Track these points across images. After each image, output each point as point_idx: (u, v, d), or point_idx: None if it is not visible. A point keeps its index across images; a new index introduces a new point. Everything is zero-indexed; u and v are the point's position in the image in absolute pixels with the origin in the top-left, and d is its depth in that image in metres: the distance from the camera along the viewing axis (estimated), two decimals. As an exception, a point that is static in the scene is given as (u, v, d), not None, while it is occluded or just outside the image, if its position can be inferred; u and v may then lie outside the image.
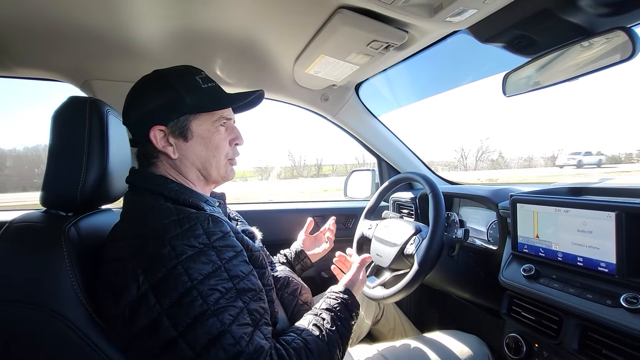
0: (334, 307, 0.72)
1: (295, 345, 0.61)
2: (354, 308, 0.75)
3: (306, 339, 0.62)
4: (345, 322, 0.71)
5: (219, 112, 0.71)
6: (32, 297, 0.54)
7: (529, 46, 0.88)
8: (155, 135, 0.66)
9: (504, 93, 0.98)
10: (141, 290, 0.51)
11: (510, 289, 0.84)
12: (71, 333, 0.54)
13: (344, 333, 0.69)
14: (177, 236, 0.55)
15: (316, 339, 0.63)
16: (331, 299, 0.75)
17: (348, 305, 0.74)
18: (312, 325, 0.67)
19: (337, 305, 0.73)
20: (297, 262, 1.10)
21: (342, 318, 0.71)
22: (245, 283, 0.57)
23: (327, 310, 0.71)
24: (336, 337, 0.66)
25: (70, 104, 0.66)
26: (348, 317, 0.72)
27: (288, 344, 0.60)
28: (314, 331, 0.65)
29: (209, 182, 0.74)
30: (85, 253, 0.60)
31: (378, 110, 1.57)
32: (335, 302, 0.74)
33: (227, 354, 0.50)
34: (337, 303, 0.73)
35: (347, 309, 0.73)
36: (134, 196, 0.65)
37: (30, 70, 1.11)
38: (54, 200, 0.65)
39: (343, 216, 1.61)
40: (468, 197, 1.20)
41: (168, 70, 0.70)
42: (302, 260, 1.10)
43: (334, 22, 0.88)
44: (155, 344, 0.51)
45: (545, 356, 0.75)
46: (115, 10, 0.86)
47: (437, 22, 0.83)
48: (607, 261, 0.67)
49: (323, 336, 0.65)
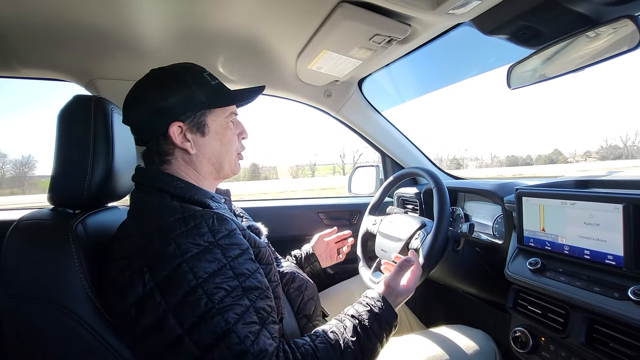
0: (360, 315, 0.65)
1: (304, 350, 0.58)
2: (386, 320, 0.65)
3: (317, 346, 0.59)
4: (371, 334, 0.63)
5: (229, 108, 0.72)
6: (42, 292, 0.55)
7: (534, 37, 0.87)
8: (174, 131, 0.66)
9: (508, 85, 0.97)
10: (147, 288, 0.52)
11: (516, 282, 0.84)
12: (80, 328, 0.55)
13: (368, 346, 0.61)
14: (182, 234, 0.55)
15: (329, 347, 0.59)
16: (360, 305, 0.68)
17: (379, 317, 0.65)
18: (330, 332, 0.62)
19: (365, 313, 0.66)
20: (307, 265, 1.09)
21: (367, 329, 0.63)
22: (251, 281, 0.57)
23: (351, 317, 0.65)
24: (356, 349, 0.60)
25: (75, 102, 0.67)
26: (377, 330, 0.63)
27: (297, 348, 0.58)
28: (329, 338, 0.61)
29: (220, 176, 0.75)
30: (92, 250, 0.61)
31: (381, 105, 1.56)
32: (364, 309, 0.66)
33: (232, 353, 0.50)
34: (366, 311, 0.66)
35: (377, 319, 0.65)
36: (140, 194, 0.65)
37: (36, 70, 1.12)
38: (62, 198, 0.66)
39: (347, 212, 1.61)
40: (473, 192, 1.19)
41: (175, 67, 0.70)
42: (312, 264, 1.09)
43: (336, 17, 0.87)
44: (161, 341, 0.51)
45: (552, 350, 0.75)
46: (119, 10, 0.86)
47: (439, 14, 0.82)
48: (614, 254, 0.66)
49: (339, 345, 0.60)
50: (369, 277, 1.02)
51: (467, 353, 0.85)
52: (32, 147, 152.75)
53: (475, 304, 1.25)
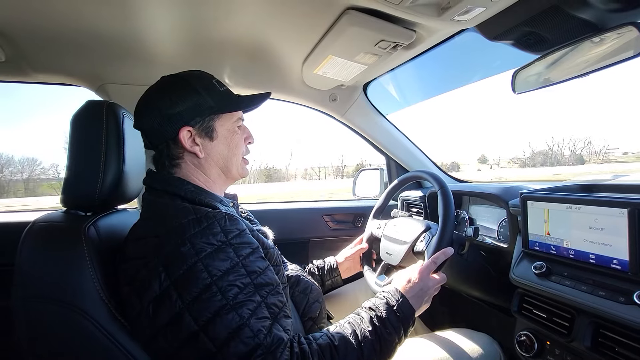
0: (377, 307, 0.67)
1: (322, 341, 0.60)
2: (403, 313, 0.67)
3: (334, 336, 0.61)
4: (389, 325, 0.64)
5: (237, 113, 0.75)
6: (55, 293, 0.56)
7: (538, 43, 0.87)
8: (184, 135, 0.68)
9: (513, 90, 0.98)
10: (163, 286, 0.54)
11: (521, 286, 0.84)
12: (92, 327, 0.56)
13: (385, 337, 0.63)
14: (196, 234, 0.57)
15: (346, 337, 0.61)
16: (378, 298, 0.70)
17: (395, 309, 0.67)
18: (347, 323, 0.64)
19: (382, 305, 0.67)
20: (329, 278, 1.09)
21: (384, 320, 0.65)
22: (262, 278, 0.59)
23: (368, 309, 0.67)
24: (373, 338, 0.61)
25: (87, 107, 0.69)
26: (394, 322, 0.65)
27: (315, 339, 0.60)
28: (346, 329, 0.63)
29: (228, 179, 0.77)
30: (104, 251, 0.62)
31: (386, 109, 1.57)
32: (381, 302, 0.69)
33: (247, 347, 0.52)
34: (383, 303, 0.68)
35: (394, 311, 0.66)
36: (152, 197, 0.67)
37: (48, 75, 1.15)
38: (74, 200, 0.68)
39: (352, 215, 1.62)
40: (478, 195, 1.19)
41: (186, 74, 0.72)
42: (334, 278, 1.09)
43: (342, 23, 0.89)
44: (178, 336, 0.53)
45: (557, 354, 0.75)
46: (129, 17, 0.89)
47: (444, 21, 0.83)
48: (619, 258, 0.66)
49: (356, 335, 0.61)
50: (374, 280, 1.02)
51: (471, 356, 0.85)
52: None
53: (480, 308, 1.25)
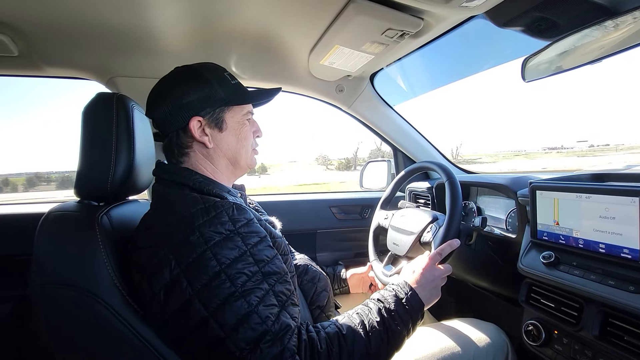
0: (385, 299, 0.68)
1: (330, 330, 0.61)
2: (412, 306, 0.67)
3: (342, 326, 0.62)
4: (397, 316, 0.65)
5: (247, 106, 0.77)
6: (71, 279, 0.58)
7: (550, 29, 0.85)
8: (194, 125, 0.70)
9: (523, 78, 0.96)
10: (173, 274, 0.55)
11: (529, 276, 0.84)
12: (107, 313, 0.58)
13: (393, 329, 0.63)
14: (205, 224, 0.58)
15: (354, 327, 0.62)
16: (386, 290, 0.71)
17: (404, 302, 0.67)
18: (355, 313, 0.66)
19: (391, 297, 0.68)
20: (338, 287, 1.15)
21: (392, 312, 0.65)
22: (270, 267, 0.60)
23: (377, 301, 0.68)
24: (381, 329, 0.62)
25: (98, 99, 0.70)
26: (402, 314, 0.65)
27: (323, 328, 0.62)
28: (354, 319, 0.64)
29: (236, 170, 0.78)
30: (117, 239, 0.64)
31: (393, 100, 1.55)
32: (390, 294, 0.69)
33: (255, 333, 0.53)
34: (392, 295, 0.69)
35: (402, 304, 0.67)
36: (161, 187, 0.69)
37: (59, 69, 1.16)
38: (87, 191, 0.70)
39: (359, 206, 1.62)
40: (486, 186, 1.18)
41: (198, 66, 0.74)
42: (342, 288, 1.15)
43: (349, 12, 0.88)
44: (189, 322, 0.54)
45: (564, 343, 0.75)
46: (138, 9, 0.89)
47: (452, 7, 0.82)
48: (630, 247, 0.65)
49: (363, 325, 0.62)
50: (381, 270, 1.03)
51: (478, 345, 0.85)
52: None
53: (487, 298, 1.25)
